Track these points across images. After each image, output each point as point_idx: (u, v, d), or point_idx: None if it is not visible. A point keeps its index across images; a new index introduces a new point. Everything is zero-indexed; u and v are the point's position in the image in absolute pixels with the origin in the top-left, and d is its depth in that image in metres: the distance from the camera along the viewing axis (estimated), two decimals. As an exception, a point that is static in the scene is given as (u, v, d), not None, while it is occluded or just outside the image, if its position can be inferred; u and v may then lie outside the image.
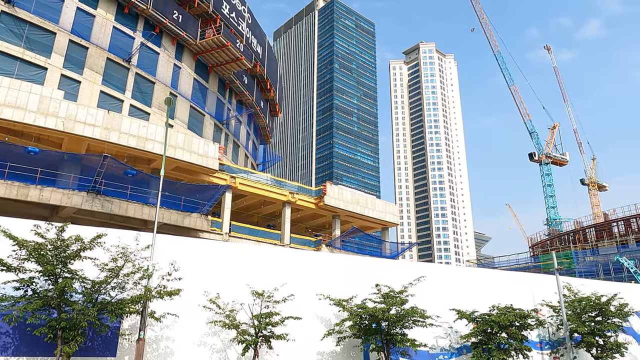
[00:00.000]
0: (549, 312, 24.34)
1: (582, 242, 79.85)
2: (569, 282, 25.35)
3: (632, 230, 73.78)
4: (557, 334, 24.26)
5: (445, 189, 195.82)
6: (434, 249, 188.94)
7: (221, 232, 36.02)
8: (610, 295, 23.28)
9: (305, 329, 18.60)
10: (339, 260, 21.91)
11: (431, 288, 22.02)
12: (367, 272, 20.78)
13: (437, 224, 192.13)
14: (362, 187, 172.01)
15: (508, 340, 20.07)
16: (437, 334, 21.55)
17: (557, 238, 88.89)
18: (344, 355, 19.23)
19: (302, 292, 18.88)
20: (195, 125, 42.32)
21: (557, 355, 23.71)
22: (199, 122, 43.04)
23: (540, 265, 79.39)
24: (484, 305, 21.62)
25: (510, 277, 27.90)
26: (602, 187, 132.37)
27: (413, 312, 18.18)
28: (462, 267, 42.69)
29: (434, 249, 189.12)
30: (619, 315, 22.96)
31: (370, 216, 46.12)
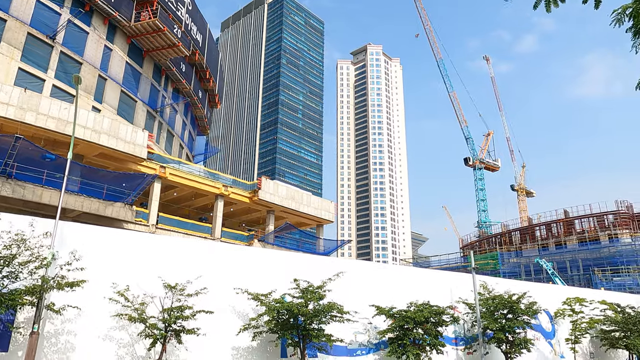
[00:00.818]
0: (465, 309, 25.29)
1: (508, 245, 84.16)
2: (485, 281, 26.44)
3: (553, 235, 78.67)
4: (471, 330, 25.24)
5: (386, 189, 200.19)
6: (372, 248, 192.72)
7: (147, 224, 34.64)
8: (521, 293, 24.49)
9: (221, 323, 18.15)
10: (259, 254, 21.59)
11: (353, 284, 22.22)
12: (288, 267, 20.60)
13: (377, 224, 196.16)
14: (305, 184, 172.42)
15: (423, 336, 20.61)
16: (357, 330, 21.75)
17: (485, 240, 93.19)
18: (261, 350, 18.95)
19: (219, 286, 18.42)
20: (125, 111, 40.44)
21: (471, 351, 24.67)
22: (130, 108, 41.17)
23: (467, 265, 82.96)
24: (405, 301, 22.10)
25: (432, 276, 28.75)
26: (529, 193, 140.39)
27: (330, 307, 18.21)
28: (385, 265, 43.16)
29: (372, 247, 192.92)
30: (527, 313, 24.21)
31: (305, 212, 46.08)
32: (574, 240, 74.22)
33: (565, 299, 29.21)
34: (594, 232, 72.81)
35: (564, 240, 75.43)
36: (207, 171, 42.33)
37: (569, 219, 77.07)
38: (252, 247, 25.60)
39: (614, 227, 71.70)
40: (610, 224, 73.03)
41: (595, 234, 72.34)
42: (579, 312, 27.93)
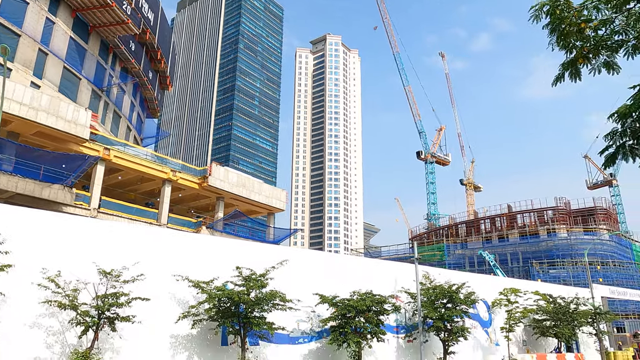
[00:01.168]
0: (407, 298, 25.91)
1: (454, 237, 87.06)
2: (427, 271, 27.16)
3: (496, 228, 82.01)
4: (412, 319, 25.89)
5: (340, 180, 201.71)
6: (324, 237, 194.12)
7: (89, 207, 33.24)
8: (460, 284, 25.33)
9: (160, 311, 17.71)
10: (201, 241, 21.19)
11: (297, 273, 22.23)
12: (232, 255, 20.32)
13: (330, 213, 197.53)
14: (259, 172, 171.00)
15: (364, 325, 20.93)
16: (300, 318, 21.81)
17: (433, 232, 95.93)
18: (201, 338, 18.65)
19: (158, 273, 17.94)
20: (68, 88, 38.45)
21: (411, 339, 25.35)
22: (73, 85, 39.17)
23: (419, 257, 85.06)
24: (349, 290, 22.34)
25: (377, 265, 29.24)
26: (477, 187, 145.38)
27: (272, 295, 18.13)
28: (330, 254, 43.59)
29: (325, 237, 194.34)
30: (466, 303, 25.10)
31: (256, 200, 45.66)
32: (516, 234, 77.73)
33: (502, 290, 30.48)
34: (534, 227, 76.49)
35: (506, 233, 78.81)
36: (155, 155, 41.04)
37: (511, 213, 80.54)
38: (194, 233, 25.12)
39: (552, 222, 75.60)
40: (549, 219, 76.95)
41: (535, 228, 76.02)
42: (514, 302, 29.27)
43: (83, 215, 31.23)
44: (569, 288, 38.39)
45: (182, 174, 40.13)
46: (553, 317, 30.77)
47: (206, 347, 18.77)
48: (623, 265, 70.84)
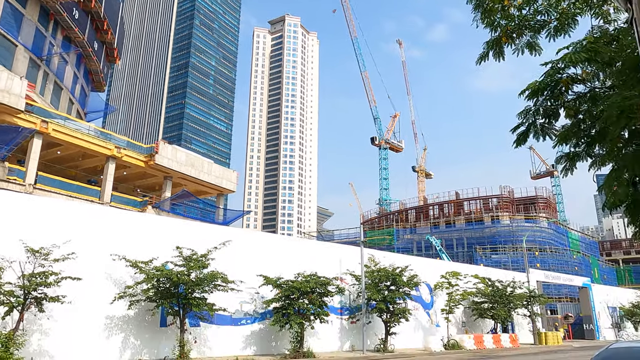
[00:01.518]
0: (352, 280, 26.21)
1: (404, 222, 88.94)
2: (372, 254, 27.55)
3: (444, 214, 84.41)
4: (356, 300, 26.26)
5: (295, 163, 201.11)
6: (278, 220, 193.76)
7: (23, 183, 31.41)
8: (403, 267, 25.86)
9: (94, 291, 17.04)
10: (142, 220, 20.48)
11: (242, 254, 21.98)
12: (173, 235, 19.78)
13: (284, 197, 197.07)
14: (213, 152, 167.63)
15: (307, 306, 21.00)
16: (243, 299, 21.63)
17: (384, 217, 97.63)
18: (138, 319, 18.12)
19: (94, 252, 17.21)
20: (2, 55, 35.80)
21: (354, 320, 25.73)
22: (8, 52, 36.52)
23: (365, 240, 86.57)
24: (295, 272, 22.30)
25: (324, 248, 29.35)
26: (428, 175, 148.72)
27: (213, 276, 17.81)
28: (277, 235, 42.94)
29: (279, 220, 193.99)
30: (408, 285, 25.68)
31: (205, 180, 44.66)
32: (462, 220, 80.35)
33: (445, 273, 31.42)
34: (479, 214, 79.30)
35: (453, 219, 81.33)
36: (99, 130, 39.21)
37: (459, 200, 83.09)
38: (133, 212, 24.12)
39: (496, 210, 78.63)
40: (494, 207, 79.96)
41: (481, 215, 78.85)
42: (455, 285, 30.27)
43: (17, 191, 29.49)
44: (507, 272, 40.15)
45: (127, 151, 38.59)
46: (491, 299, 32.09)
47: (144, 328, 18.28)
48: (559, 251, 74.85)
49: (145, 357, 17.90)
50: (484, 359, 23.74)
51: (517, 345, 32.66)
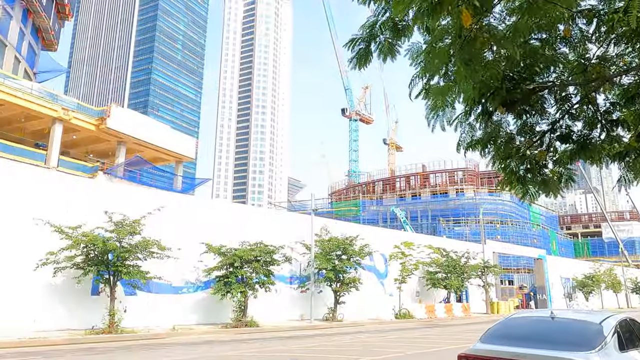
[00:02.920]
0: (304, 250, 25.72)
1: (371, 194, 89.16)
2: (325, 223, 27.05)
3: (410, 187, 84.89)
4: (307, 270, 25.82)
5: (267, 133, 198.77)
6: (248, 191, 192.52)
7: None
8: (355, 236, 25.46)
9: (16, 257, 15.94)
10: (70, 183, 19.22)
11: (186, 221, 21.12)
12: (109, 199, 18.68)
13: (255, 167, 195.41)
14: (181, 120, 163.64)
15: (250, 275, 20.38)
16: (185, 268, 20.85)
17: (352, 188, 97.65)
18: (66, 288, 17.13)
19: (13, 216, 16.03)
20: None
21: (304, 289, 25.35)
22: (-59, 3, 33.77)
23: (332, 211, 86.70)
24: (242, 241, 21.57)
25: (277, 217, 28.73)
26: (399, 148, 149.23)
27: (145, 243, 16.90)
28: (227, 203, 41.04)
29: (249, 190, 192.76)
30: (360, 254, 25.35)
31: (162, 147, 43.06)
32: (428, 193, 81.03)
33: (400, 243, 31.24)
34: (444, 186, 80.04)
35: (419, 191, 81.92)
36: (45, 91, 37.03)
37: (425, 172, 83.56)
38: (64, 174, 22.76)
39: (461, 183, 79.48)
40: (459, 180, 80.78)
41: (446, 187, 79.60)
42: (408, 255, 30.16)
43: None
44: (464, 243, 40.52)
45: (76, 114, 36.64)
46: (444, 269, 32.26)
47: (73, 297, 17.34)
48: (520, 224, 76.59)
49: (75, 326, 17.02)
50: (427, 327, 23.86)
51: (468, 315, 33.15)
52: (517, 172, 5.30)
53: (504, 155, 5.25)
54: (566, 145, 5.38)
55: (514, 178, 5.32)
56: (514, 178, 5.32)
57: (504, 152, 5.25)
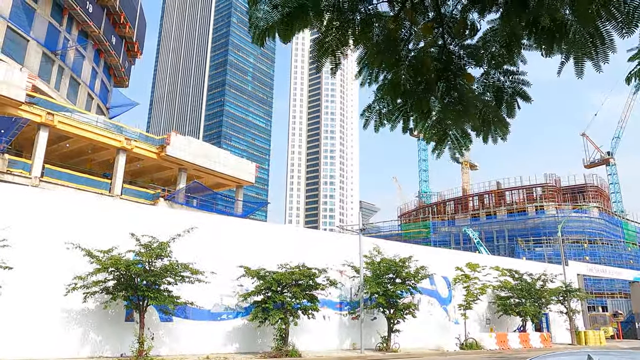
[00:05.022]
0: (353, 272, 24.01)
1: (442, 214, 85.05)
2: (377, 244, 25.16)
3: (484, 205, 79.89)
4: (359, 294, 24.01)
5: (336, 157, 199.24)
6: (319, 216, 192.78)
7: (29, 176, 31.24)
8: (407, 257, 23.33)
9: (48, 282, 15.82)
10: (101, 206, 19.13)
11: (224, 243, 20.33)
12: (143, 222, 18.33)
13: (325, 192, 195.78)
14: (252, 149, 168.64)
15: (290, 300, 19.03)
16: (224, 292, 19.96)
17: (422, 209, 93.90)
18: (100, 313, 16.78)
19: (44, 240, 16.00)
20: (14, 50, 36.01)
21: (355, 316, 23.50)
22: (19, 47, 36.72)
23: (402, 233, 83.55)
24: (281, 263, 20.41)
25: (327, 238, 27.29)
26: (473, 166, 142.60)
27: (172, 266, 16.15)
28: (273, 225, 38.35)
29: (320, 215, 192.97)
30: (415, 277, 23.16)
31: (221, 172, 43.53)
32: (503, 211, 75.69)
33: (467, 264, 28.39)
34: (522, 204, 74.39)
35: (494, 210, 76.77)
36: (111, 123, 38.87)
37: (500, 190, 78.35)
38: (99, 197, 22.99)
39: (541, 200, 73.43)
40: (538, 197, 74.74)
41: (523, 205, 73.93)
42: (473, 279, 27.27)
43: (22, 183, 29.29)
44: (540, 264, 36.46)
45: (137, 143, 37.97)
46: (518, 294, 28.89)
47: (106, 322, 16.95)
48: (612, 243, 68.87)
49: (107, 353, 16.57)
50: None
51: (548, 346, 29.23)
52: (413, 93, 3.64)
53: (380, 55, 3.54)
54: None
55: (416, 107, 3.67)
56: (414, 108, 3.68)
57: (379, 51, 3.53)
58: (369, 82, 3.89)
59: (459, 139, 3.82)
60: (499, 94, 3.64)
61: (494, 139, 3.84)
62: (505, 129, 3.75)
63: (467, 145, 3.96)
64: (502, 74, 3.72)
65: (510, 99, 3.71)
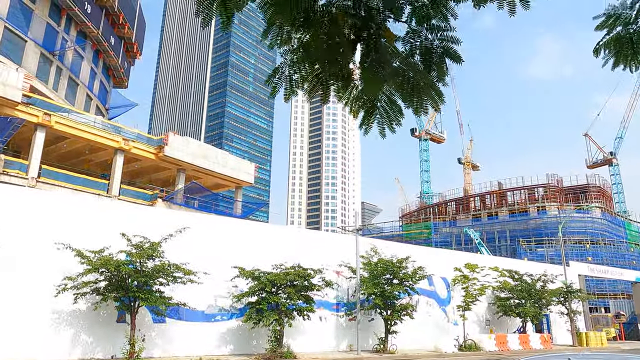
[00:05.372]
0: (350, 273, 23.75)
1: (444, 215, 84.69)
2: (374, 244, 24.89)
3: (486, 206, 79.50)
4: (355, 295, 23.75)
5: (338, 158, 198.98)
6: (321, 217, 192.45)
7: (26, 176, 31.11)
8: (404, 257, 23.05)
9: (36, 284, 15.63)
10: (88, 205, 18.91)
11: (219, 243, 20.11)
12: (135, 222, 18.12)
13: (327, 192, 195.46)
14: (254, 150, 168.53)
15: (284, 301, 18.78)
16: (218, 293, 19.74)
17: (423, 210, 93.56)
18: (91, 314, 16.56)
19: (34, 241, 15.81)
20: (11, 50, 35.89)
21: (352, 317, 23.24)
22: (17, 48, 36.60)
23: (403, 234, 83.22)
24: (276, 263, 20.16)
25: (324, 239, 27.05)
26: (475, 167, 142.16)
27: (163, 267, 15.93)
28: (266, 225, 37.85)
29: (322, 216, 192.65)
30: (412, 278, 22.88)
31: (220, 173, 43.33)
32: (505, 212, 75.28)
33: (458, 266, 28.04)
34: (524, 205, 73.97)
35: (495, 211, 76.37)
36: (108, 123, 38.71)
37: (502, 190, 77.95)
38: (89, 198, 22.76)
39: (543, 200, 73.00)
40: (540, 197, 74.30)
41: (525, 206, 73.51)
42: (472, 279, 26.95)
43: (18, 184, 29.15)
44: (540, 265, 36.10)
45: (135, 143, 37.80)
46: (518, 295, 28.57)
47: (98, 324, 16.73)
48: (614, 244, 68.36)
49: (98, 355, 16.36)
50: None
51: (549, 347, 28.88)
52: (328, 56, 3.29)
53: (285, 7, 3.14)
54: None
55: (331, 70, 3.31)
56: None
57: None
58: (278, 43, 3.50)
59: (388, 112, 3.53)
60: (428, 55, 3.35)
61: (425, 109, 3.49)
62: (439, 97, 3.43)
63: (397, 119, 3.69)
64: (429, 31, 3.39)
65: (439, 60, 3.36)
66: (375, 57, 3.25)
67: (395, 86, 3.37)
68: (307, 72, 3.52)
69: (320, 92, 3.53)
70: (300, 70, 3.47)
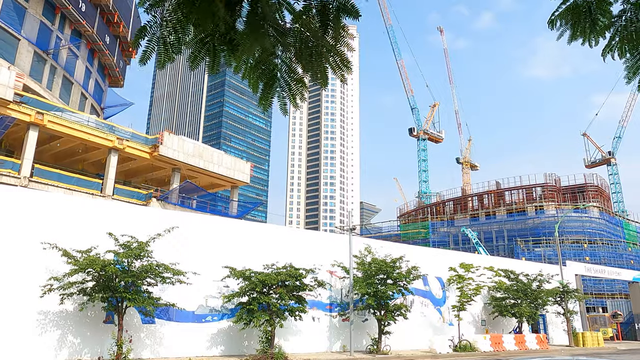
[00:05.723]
0: (344, 273, 23.53)
1: (441, 214, 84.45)
2: (368, 244, 24.68)
3: (483, 205, 79.28)
4: (349, 295, 23.52)
5: (336, 158, 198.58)
6: (320, 217, 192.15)
7: (18, 176, 30.86)
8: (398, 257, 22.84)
9: (21, 284, 15.39)
10: (75, 204, 18.64)
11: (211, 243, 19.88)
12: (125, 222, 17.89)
13: (326, 192, 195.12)
14: (252, 149, 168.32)
15: (277, 301, 18.54)
16: (209, 294, 19.51)
17: (421, 209, 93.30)
18: (78, 315, 16.32)
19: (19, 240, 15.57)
20: (4, 49, 35.64)
21: (345, 318, 23.01)
22: (10, 46, 36.35)
23: (400, 234, 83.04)
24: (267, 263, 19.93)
25: (317, 238, 26.83)
26: (474, 166, 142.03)
27: (150, 267, 15.69)
28: (261, 224, 39.09)
29: (320, 216, 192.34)
30: (406, 278, 22.67)
31: (215, 172, 43.14)
32: (503, 212, 75.06)
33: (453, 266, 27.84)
34: (521, 204, 73.76)
35: (493, 211, 76.16)
36: (102, 122, 38.45)
37: (499, 190, 77.74)
38: (76, 197, 22.46)
39: (540, 200, 72.81)
40: (538, 197, 74.10)
41: (523, 205, 73.30)
42: (467, 279, 26.74)
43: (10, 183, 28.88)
44: (537, 265, 35.90)
45: (129, 143, 37.57)
46: (513, 295, 28.37)
47: (85, 325, 16.50)
48: (612, 243, 68.15)
49: (85, 356, 16.12)
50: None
51: (545, 347, 28.67)
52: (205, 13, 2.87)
53: None
54: None
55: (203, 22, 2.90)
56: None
57: None
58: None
59: (290, 83, 3.24)
60: (325, 13, 3.03)
61: (326, 78, 3.02)
62: (344, 64, 3.03)
63: (300, 92, 3.42)
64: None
65: (335, 17, 2.98)
66: (260, 12, 2.93)
67: (295, 52, 3.10)
68: (184, 34, 3.14)
69: (208, 60, 3.24)
70: (175, 31, 3.09)
